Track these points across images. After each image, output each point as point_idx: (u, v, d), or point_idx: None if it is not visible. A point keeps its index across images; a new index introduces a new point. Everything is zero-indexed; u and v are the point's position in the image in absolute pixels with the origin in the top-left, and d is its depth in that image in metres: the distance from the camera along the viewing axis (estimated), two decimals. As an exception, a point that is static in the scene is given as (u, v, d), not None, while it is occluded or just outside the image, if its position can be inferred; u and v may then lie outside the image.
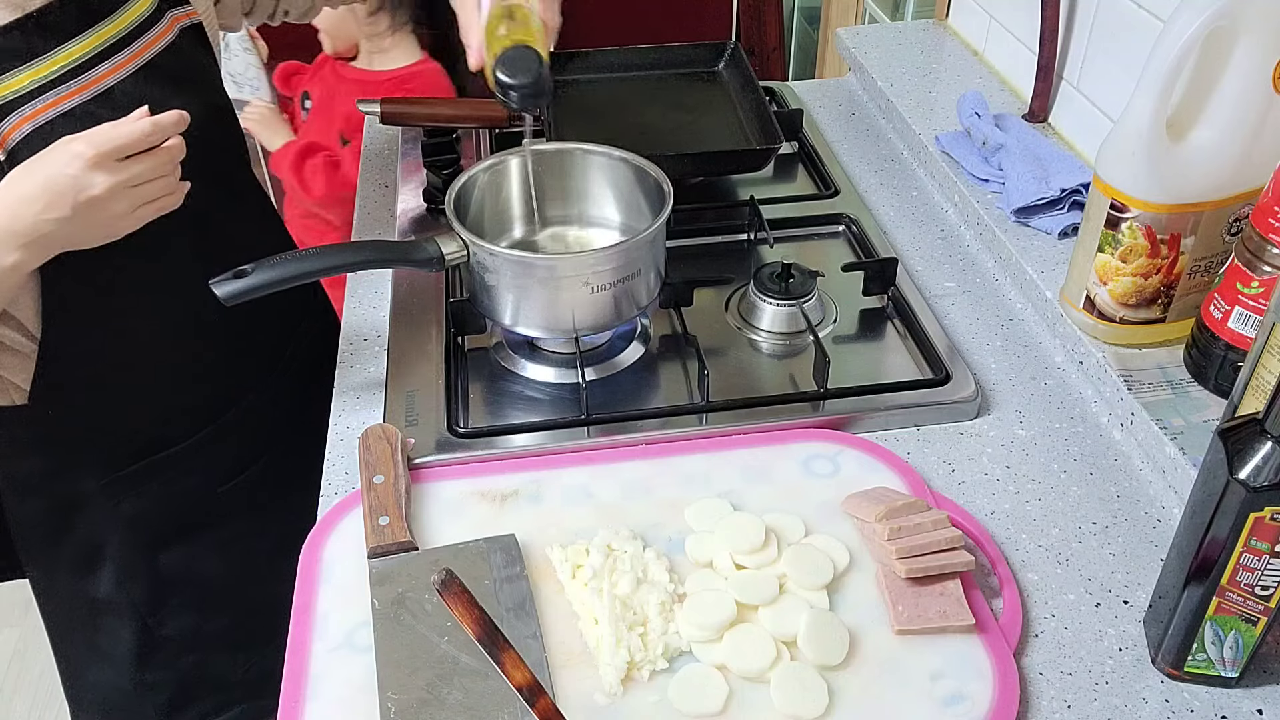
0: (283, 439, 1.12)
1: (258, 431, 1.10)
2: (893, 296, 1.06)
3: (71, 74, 0.83)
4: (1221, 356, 0.87)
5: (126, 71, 0.87)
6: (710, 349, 0.99)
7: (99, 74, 0.84)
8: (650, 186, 1.00)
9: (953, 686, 0.70)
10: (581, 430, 0.91)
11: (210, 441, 1.05)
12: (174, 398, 1.02)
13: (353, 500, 0.84)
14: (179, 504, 1.05)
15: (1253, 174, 0.86)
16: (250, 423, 1.09)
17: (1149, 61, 0.82)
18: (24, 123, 0.80)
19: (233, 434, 1.07)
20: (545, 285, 0.92)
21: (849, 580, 0.78)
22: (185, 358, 1.01)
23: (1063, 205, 1.11)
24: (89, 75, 0.84)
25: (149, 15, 0.90)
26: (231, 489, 1.09)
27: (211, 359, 1.04)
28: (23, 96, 0.80)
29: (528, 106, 0.90)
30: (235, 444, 1.08)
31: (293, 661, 0.73)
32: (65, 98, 0.82)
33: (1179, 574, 0.69)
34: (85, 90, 0.84)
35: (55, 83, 0.82)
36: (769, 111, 1.22)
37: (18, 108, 0.80)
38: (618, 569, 0.76)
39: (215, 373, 1.05)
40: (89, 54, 0.84)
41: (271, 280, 0.86)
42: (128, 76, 0.86)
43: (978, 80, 1.40)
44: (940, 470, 0.89)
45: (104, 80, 0.85)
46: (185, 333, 1.00)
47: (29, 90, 0.81)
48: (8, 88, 0.80)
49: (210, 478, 1.07)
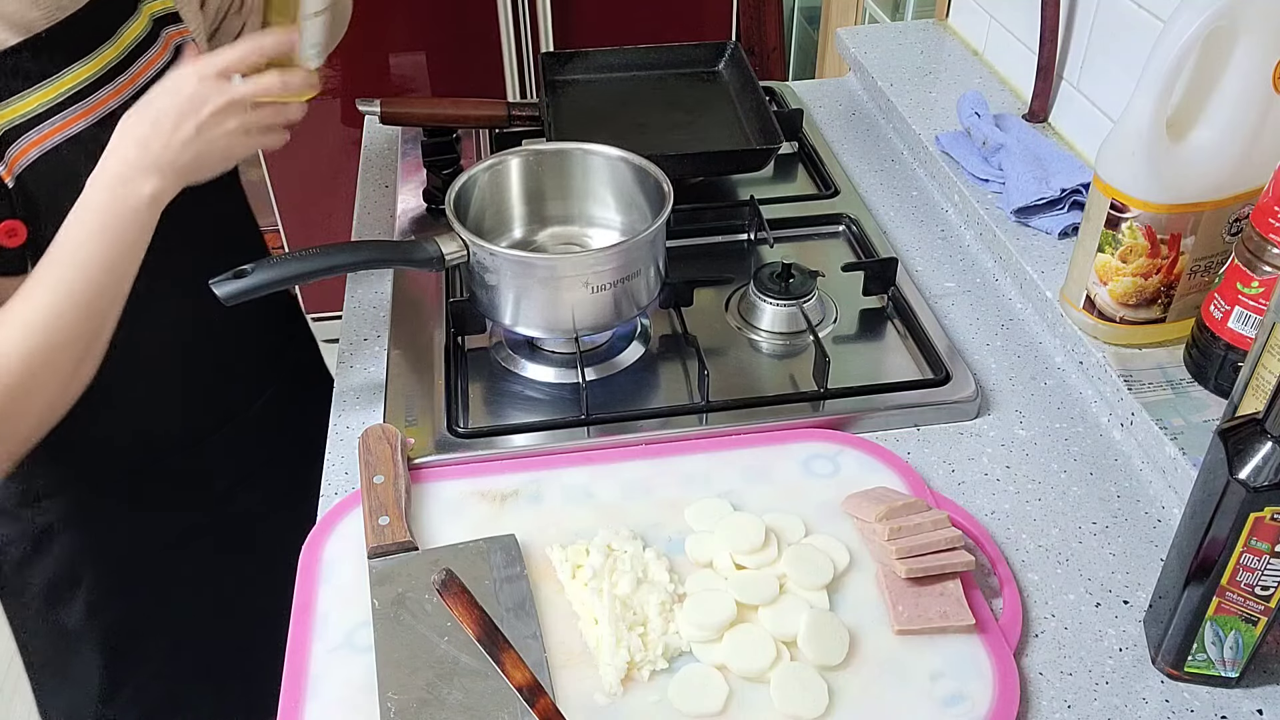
0: (259, 475, 1.11)
1: (236, 464, 1.09)
2: (893, 296, 1.06)
3: (76, 97, 0.82)
4: (1221, 356, 0.87)
5: (128, 94, 0.86)
6: (710, 349, 0.99)
7: (102, 97, 0.84)
8: (650, 186, 1.00)
9: (953, 686, 0.70)
10: (581, 430, 0.91)
11: (186, 473, 1.04)
12: (152, 425, 1.01)
13: (353, 500, 0.84)
14: (153, 535, 1.03)
15: (1253, 174, 0.86)
16: (229, 454, 1.07)
17: (1149, 61, 0.82)
18: (31, 148, 0.79)
19: (210, 465, 1.06)
20: (545, 285, 0.92)
21: (849, 580, 0.78)
22: (166, 384, 1.00)
23: (1063, 205, 1.11)
24: (93, 99, 0.83)
25: (146, 35, 0.89)
26: (208, 521, 1.07)
27: (193, 384, 1.03)
28: (30, 120, 0.79)
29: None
30: (212, 476, 1.07)
31: (293, 661, 0.73)
32: (71, 121, 0.82)
33: (1179, 574, 0.69)
34: (91, 114, 0.83)
35: (61, 106, 0.81)
36: (769, 111, 1.22)
37: (25, 132, 0.79)
38: (618, 569, 0.76)
39: (194, 401, 1.04)
40: (92, 77, 0.83)
41: (272, 280, 0.86)
42: (130, 98, 0.85)
43: (978, 80, 1.40)
44: (940, 470, 0.89)
45: (108, 103, 0.84)
46: (163, 361, 0.98)
47: (36, 114, 0.80)
48: (15, 111, 0.79)
49: (187, 506, 1.05)
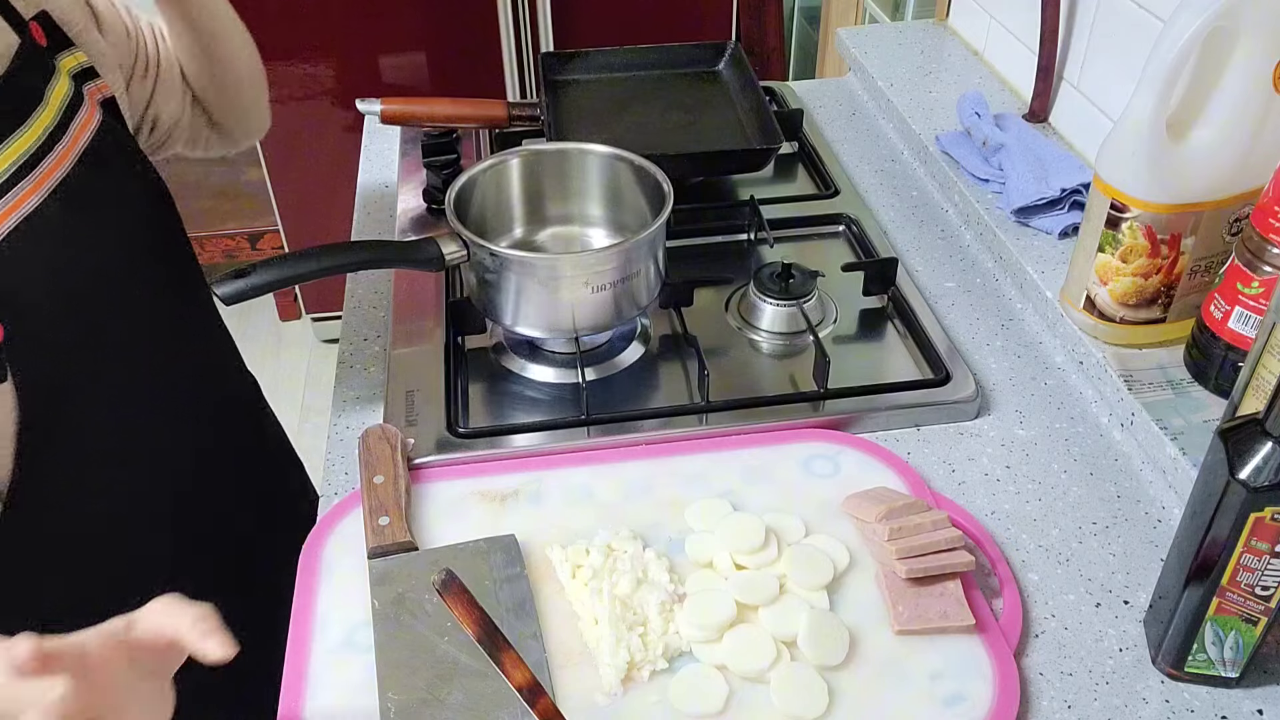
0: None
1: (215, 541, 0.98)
2: (893, 296, 1.06)
3: (23, 170, 0.76)
4: (1222, 356, 0.87)
5: (71, 161, 0.79)
6: (710, 349, 0.99)
7: (47, 167, 0.77)
8: (650, 186, 1.00)
9: (953, 687, 0.70)
10: (581, 430, 0.91)
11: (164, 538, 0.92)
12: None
13: (353, 500, 0.84)
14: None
15: (1253, 174, 0.86)
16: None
17: (1149, 61, 0.82)
18: None
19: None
20: (545, 285, 0.92)
21: (849, 580, 0.78)
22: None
23: (1063, 205, 1.11)
24: (39, 170, 0.77)
25: (72, 96, 0.82)
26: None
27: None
28: None
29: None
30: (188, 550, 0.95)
31: (293, 661, 0.73)
32: (23, 199, 0.75)
33: (1179, 574, 0.69)
34: (41, 187, 0.77)
35: (10, 183, 0.75)
36: (769, 111, 1.22)
37: None
38: (618, 569, 0.76)
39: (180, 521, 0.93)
40: (34, 146, 0.77)
41: (273, 280, 0.86)
42: (74, 166, 0.79)
43: (978, 80, 1.40)
44: (940, 470, 0.89)
45: (54, 174, 0.78)
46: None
47: None
48: None
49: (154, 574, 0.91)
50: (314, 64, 2.21)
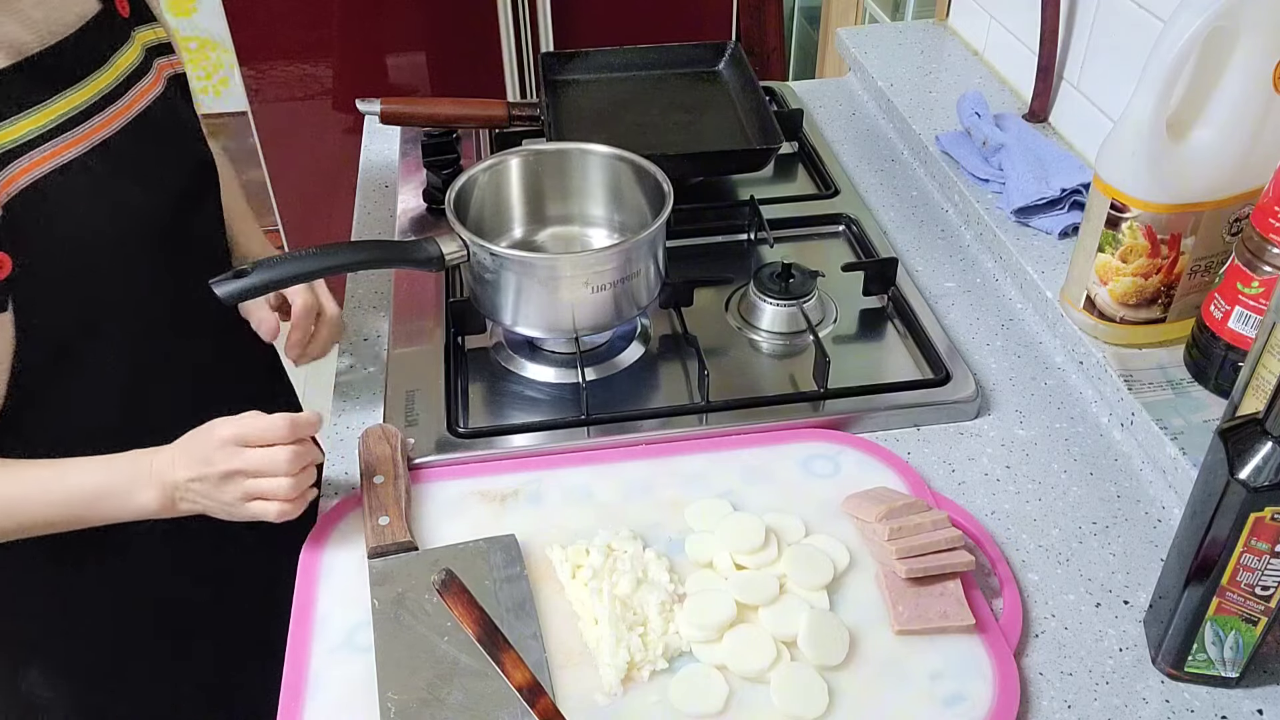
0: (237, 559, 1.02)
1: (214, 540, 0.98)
2: (893, 296, 1.06)
3: (68, 125, 0.81)
4: (1222, 356, 0.87)
5: (120, 124, 0.85)
6: (710, 349, 0.99)
7: (94, 126, 0.82)
8: (650, 186, 1.00)
9: (953, 686, 0.70)
10: (581, 430, 0.91)
11: (157, 544, 0.95)
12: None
13: (353, 500, 0.84)
14: (117, 607, 0.98)
15: (1253, 174, 0.86)
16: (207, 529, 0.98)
17: (1149, 61, 0.82)
18: (22, 174, 0.78)
19: (186, 539, 0.94)
20: (545, 285, 0.92)
21: (849, 580, 0.78)
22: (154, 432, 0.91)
23: (1063, 205, 1.11)
24: (85, 127, 0.82)
25: (139, 64, 0.88)
26: (176, 599, 1.01)
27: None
28: (21, 146, 0.78)
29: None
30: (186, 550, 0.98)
31: (292, 662, 0.73)
32: (62, 149, 0.80)
33: (1179, 574, 0.69)
34: (82, 142, 0.81)
35: (53, 133, 0.80)
36: (769, 111, 1.22)
37: (16, 158, 0.77)
38: (618, 569, 0.76)
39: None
40: (84, 104, 0.82)
41: (271, 280, 0.86)
42: (121, 129, 0.84)
43: (978, 80, 1.40)
44: (940, 470, 0.89)
45: (99, 133, 0.83)
46: (153, 412, 0.92)
47: (27, 140, 0.78)
48: (5, 137, 0.77)
49: (154, 583, 0.99)
50: (314, 64, 2.20)
